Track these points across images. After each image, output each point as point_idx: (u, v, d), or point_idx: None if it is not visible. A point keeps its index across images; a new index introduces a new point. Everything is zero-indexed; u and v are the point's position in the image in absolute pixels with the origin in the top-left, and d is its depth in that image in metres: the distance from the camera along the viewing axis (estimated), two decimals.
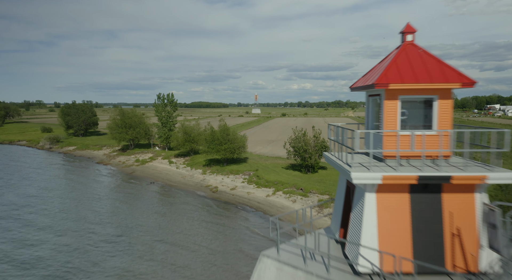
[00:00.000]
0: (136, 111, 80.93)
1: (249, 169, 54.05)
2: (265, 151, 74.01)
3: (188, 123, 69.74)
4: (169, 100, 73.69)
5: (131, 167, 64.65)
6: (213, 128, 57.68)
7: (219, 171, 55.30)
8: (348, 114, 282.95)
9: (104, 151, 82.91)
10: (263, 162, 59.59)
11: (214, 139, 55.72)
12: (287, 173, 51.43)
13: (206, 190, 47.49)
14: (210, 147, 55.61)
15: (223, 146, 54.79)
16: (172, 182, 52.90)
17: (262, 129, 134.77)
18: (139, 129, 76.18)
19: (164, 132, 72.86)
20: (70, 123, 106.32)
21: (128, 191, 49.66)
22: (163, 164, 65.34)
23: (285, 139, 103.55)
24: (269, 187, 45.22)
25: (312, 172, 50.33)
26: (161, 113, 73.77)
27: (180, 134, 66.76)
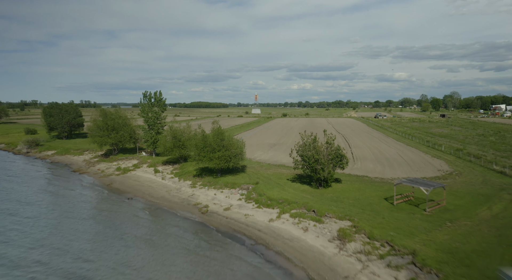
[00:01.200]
0: (120, 112, 71.67)
1: (247, 181, 44.81)
2: (266, 157, 64.76)
3: (178, 125, 60.43)
4: (157, 99, 64.44)
5: (110, 177, 55.37)
6: (204, 132, 48.33)
7: (211, 183, 46.07)
8: (351, 115, 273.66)
9: (85, 157, 73.66)
10: (264, 172, 50.35)
11: (205, 145, 46.49)
12: (293, 187, 42.18)
13: (193, 210, 38.22)
14: (201, 154, 46.39)
15: (217, 154, 45.60)
16: (154, 198, 43.63)
17: (263, 130, 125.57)
18: (123, 132, 66.96)
19: (151, 136, 63.63)
20: (52, 124, 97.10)
21: (95, 214, 40.35)
22: (147, 173, 56.07)
23: (288, 142, 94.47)
24: (272, 207, 35.97)
25: (324, 186, 41.09)
26: (148, 114, 64.53)
27: (168, 138, 57.50)
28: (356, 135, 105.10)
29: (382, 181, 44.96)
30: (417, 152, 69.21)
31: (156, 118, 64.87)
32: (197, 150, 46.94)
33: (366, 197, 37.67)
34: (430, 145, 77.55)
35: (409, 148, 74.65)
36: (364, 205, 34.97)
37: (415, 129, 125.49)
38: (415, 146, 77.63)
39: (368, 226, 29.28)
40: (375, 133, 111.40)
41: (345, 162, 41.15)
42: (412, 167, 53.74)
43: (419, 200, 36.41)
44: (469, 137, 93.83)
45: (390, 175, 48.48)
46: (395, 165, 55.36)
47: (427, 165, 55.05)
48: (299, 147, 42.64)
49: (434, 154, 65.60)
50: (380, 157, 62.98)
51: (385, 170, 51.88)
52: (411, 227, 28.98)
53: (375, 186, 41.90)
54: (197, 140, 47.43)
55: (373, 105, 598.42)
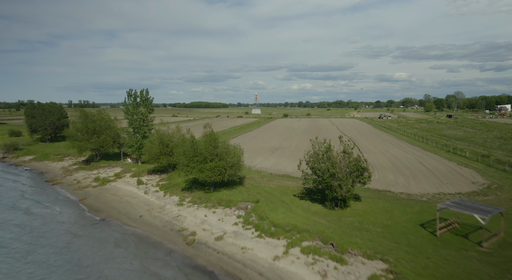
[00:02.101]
0: (103, 113, 63.60)
1: (246, 198, 36.75)
2: (268, 164, 56.67)
3: (166, 128, 52.36)
4: (143, 99, 56.34)
5: (85, 190, 47.29)
6: (193, 138, 40.17)
7: (202, 200, 38.02)
8: (355, 115, 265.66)
9: (64, 163, 65.59)
10: (266, 185, 42.31)
11: (196, 153, 38.41)
12: (302, 207, 34.10)
13: (177, 240, 30.09)
14: (190, 165, 38.30)
15: (209, 164, 37.53)
16: (131, 220, 35.51)
17: (263, 132, 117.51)
18: (105, 136, 58.93)
19: (136, 140, 55.57)
20: (34, 126, 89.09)
21: (49, 242, 32.31)
22: (129, 185, 48.00)
23: (291, 146, 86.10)
24: (277, 237, 27.88)
25: (342, 207, 32.98)
26: (132, 116, 56.49)
27: (154, 144, 49.42)
28: (365, 137, 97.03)
29: (410, 198, 36.88)
30: (439, 158, 61.12)
31: (142, 120, 56.84)
32: (186, 159, 38.85)
33: (397, 222, 29.61)
34: (451, 150, 69.47)
35: (427, 154, 66.58)
36: (397, 235, 26.92)
37: (426, 131, 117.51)
38: (434, 151, 69.57)
39: (412, 272, 21.24)
40: (385, 136, 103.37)
41: (367, 176, 33.07)
42: (440, 178, 45.65)
43: (466, 228, 28.37)
44: (488, 141, 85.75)
45: (417, 190, 40.41)
46: (419, 175, 47.28)
47: (457, 176, 46.97)
48: (309, 157, 34.56)
49: (459, 161, 57.52)
50: (398, 165, 54.88)
51: (410, 182, 43.80)
52: (471, 274, 20.95)
53: (404, 206, 33.82)
54: (185, 148, 39.29)
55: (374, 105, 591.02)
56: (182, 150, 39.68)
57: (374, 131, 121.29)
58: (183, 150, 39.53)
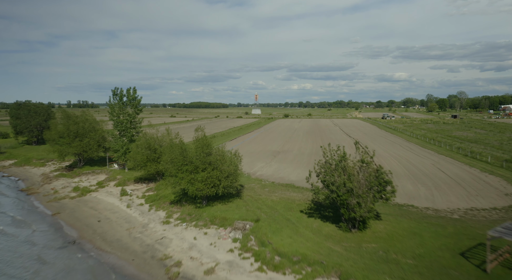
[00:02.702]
0: (87, 114, 57.80)
1: (244, 215, 30.99)
2: (269, 171, 50.90)
3: (154, 131, 46.55)
4: (130, 98, 50.56)
5: (61, 202, 41.51)
6: (182, 144, 34.31)
7: (192, 217, 32.26)
8: (357, 115, 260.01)
9: (46, 169, 59.83)
10: (267, 197, 36.56)
11: (185, 161, 32.62)
12: (312, 228, 28.32)
13: (157, 272, 24.28)
14: (179, 175, 32.52)
15: (200, 175, 31.77)
16: (106, 243, 29.69)
17: (264, 134, 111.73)
18: (88, 139, 53.18)
19: (122, 144, 49.82)
20: (19, 127, 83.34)
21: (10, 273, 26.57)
22: (111, 196, 42.23)
23: (294, 149, 79.61)
24: (283, 272, 22.11)
25: (360, 228, 27.19)
26: (119, 117, 50.73)
27: (140, 149, 43.63)
28: (372, 139, 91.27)
29: (438, 216, 31.12)
30: (457, 164, 55.36)
31: (130, 122, 51.10)
32: (174, 168, 33.08)
33: (430, 250, 23.84)
34: (468, 154, 63.69)
35: (443, 158, 60.83)
36: (435, 270, 21.16)
37: (434, 132, 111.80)
38: (449, 155, 63.81)
39: None
40: (392, 137, 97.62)
41: (390, 191, 27.28)
42: (466, 189, 39.89)
43: None
44: (504, 143, 79.98)
45: (444, 204, 34.64)
46: (442, 185, 41.52)
47: (485, 186, 41.21)
48: (320, 167, 28.80)
49: (481, 167, 51.75)
50: (415, 172, 49.11)
51: (433, 194, 38.03)
52: None
53: (434, 227, 28.06)
54: (173, 155, 33.46)
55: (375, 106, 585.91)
56: (169, 158, 33.87)
57: (380, 132, 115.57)
58: (170, 157, 33.71)
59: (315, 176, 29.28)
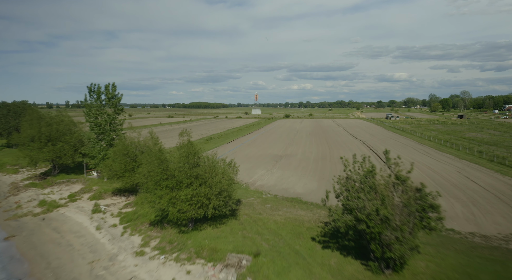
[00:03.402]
0: (63, 114, 50.74)
1: (239, 245, 23.98)
2: (271, 180, 43.89)
3: (135, 134, 39.42)
4: (109, 96, 43.50)
5: (22, 220, 34.45)
6: (161, 152, 27.22)
7: (174, 246, 25.23)
8: (359, 115, 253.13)
9: (18, 176, 52.77)
10: (269, 217, 29.57)
11: (164, 175, 25.58)
12: (329, 266, 21.26)
13: None
14: (157, 192, 25.51)
15: (184, 192, 24.77)
16: None
17: (264, 135, 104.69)
18: (63, 143, 46.18)
19: (100, 150, 42.81)
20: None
21: None
22: (82, 213, 35.20)
23: (298, 152, 71.91)
24: None
25: (396, 269, 20.10)
26: (96, 118, 43.70)
27: (117, 156, 36.55)
28: (381, 142, 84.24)
29: (490, 245, 24.10)
30: (487, 171, 48.37)
31: (109, 124, 44.10)
32: (151, 183, 26.07)
33: None
34: (494, 159, 56.69)
35: (467, 164, 53.86)
36: None
37: (446, 133, 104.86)
38: (473, 160, 56.83)
39: None
40: (402, 139, 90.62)
41: (436, 218, 20.16)
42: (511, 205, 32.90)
43: None
44: None
45: (491, 227, 27.64)
46: (479, 200, 34.51)
47: None
48: (341, 186, 21.72)
49: None
50: (441, 182, 42.09)
51: (473, 213, 31.00)
52: None
53: (492, 264, 21.04)
54: (150, 166, 26.41)
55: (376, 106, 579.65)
56: (145, 170, 26.83)
57: (388, 133, 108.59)
58: (147, 169, 26.67)
59: (336, 197, 22.20)
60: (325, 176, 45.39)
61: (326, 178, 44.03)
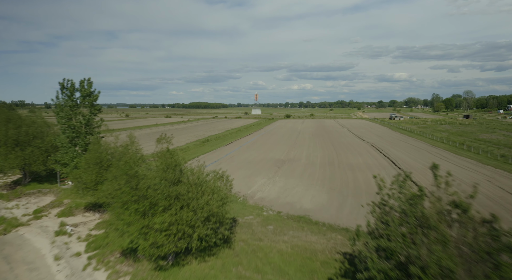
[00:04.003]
0: (36, 115, 44.51)
1: None
2: (273, 191, 37.65)
3: (112, 138, 33.14)
4: (84, 93, 37.24)
5: None
6: (129, 164, 20.89)
7: None
8: (362, 116, 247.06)
9: None
10: (272, 245, 23.38)
11: (132, 195, 19.37)
12: None
13: None
14: (125, 217, 19.31)
15: (159, 219, 18.59)
16: None
17: (265, 136, 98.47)
18: (33, 148, 40.01)
19: (72, 156, 36.58)
20: None
21: None
22: (43, 235, 28.99)
23: (302, 156, 61.60)
24: None
25: None
26: (70, 119, 37.48)
27: (89, 165, 30.33)
28: (391, 144, 78.03)
29: None
30: None
31: (84, 126, 37.88)
32: (118, 205, 19.87)
33: None
34: None
35: (494, 171, 47.71)
36: None
37: (457, 135, 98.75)
38: (499, 166, 50.66)
39: None
40: (413, 141, 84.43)
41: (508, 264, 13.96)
42: None
43: None
44: None
45: None
46: None
47: None
48: (377, 219, 15.43)
49: None
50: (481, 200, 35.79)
51: None
52: None
53: None
54: (116, 184, 20.18)
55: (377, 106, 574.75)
56: (110, 188, 20.62)
57: (395, 135, 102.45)
58: (112, 187, 20.46)
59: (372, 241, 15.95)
60: (336, 186, 39.22)
61: (337, 189, 37.85)
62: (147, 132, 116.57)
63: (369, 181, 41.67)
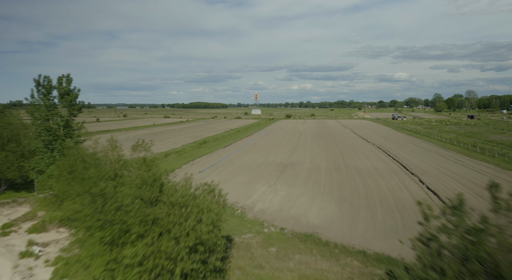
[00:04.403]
0: (13, 115, 40.35)
1: None
2: (275, 202, 33.38)
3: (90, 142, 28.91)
4: (62, 92, 33.03)
5: None
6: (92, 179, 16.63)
7: None
8: (364, 116, 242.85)
9: None
10: (274, 275, 19.14)
11: (97, 221, 15.19)
12: None
13: None
14: (87, 247, 15.13)
15: (131, 251, 14.41)
16: None
17: (265, 138, 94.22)
18: (6, 152, 35.78)
19: (47, 162, 32.37)
20: None
21: None
22: (7, 256, 24.75)
23: (305, 160, 56.56)
24: None
25: None
26: (47, 120, 33.27)
27: (61, 174, 26.13)
28: (398, 146, 73.78)
29: None
30: None
31: (63, 128, 33.65)
32: (82, 230, 15.67)
33: None
34: None
35: None
36: None
37: (465, 136, 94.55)
38: None
39: None
40: (421, 143, 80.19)
41: None
42: None
43: None
44: None
45: None
46: None
47: None
48: (425, 264, 11.18)
49: None
50: None
51: None
52: None
53: None
54: (79, 204, 15.98)
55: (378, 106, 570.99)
56: (72, 209, 16.43)
57: (401, 136, 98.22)
58: (73, 208, 16.26)
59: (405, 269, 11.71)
60: (345, 195, 35.00)
61: (348, 199, 33.63)
62: (143, 133, 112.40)
63: (381, 189, 37.47)
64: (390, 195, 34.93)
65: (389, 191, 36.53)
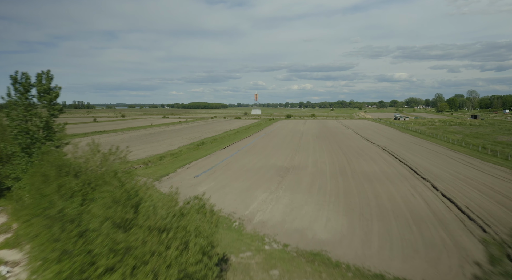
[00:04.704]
0: None
1: None
2: (277, 212, 30.12)
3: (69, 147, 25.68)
4: (41, 90, 29.87)
5: None
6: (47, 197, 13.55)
7: None
8: (365, 116, 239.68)
9: None
10: None
11: (54, 251, 12.07)
12: None
13: None
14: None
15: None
16: None
17: (265, 139, 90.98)
18: None
19: (24, 168, 29.19)
20: None
21: None
22: None
23: (308, 163, 52.98)
24: None
25: None
26: (24, 122, 30.09)
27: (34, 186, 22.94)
28: (404, 148, 70.55)
29: None
30: None
31: (42, 130, 30.46)
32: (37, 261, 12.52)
33: None
34: None
35: None
36: None
37: (472, 136, 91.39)
38: None
39: None
40: (427, 144, 76.98)
41: None
42: None
43: None
44: None
45: None
46: None
47: None
48: None
49: None
50: None
51: None
52: None
53: None
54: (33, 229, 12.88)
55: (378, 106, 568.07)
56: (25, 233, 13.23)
57: (406, 136, 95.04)
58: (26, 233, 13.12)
59: None
60: (354, 205, 31.79)
61: (357, 209, 30.43)
62: (140, 133, 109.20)
63: (393, 197, 34.29)
64: (404, 204, 31.74)
65: (401, 199, 33.34)
